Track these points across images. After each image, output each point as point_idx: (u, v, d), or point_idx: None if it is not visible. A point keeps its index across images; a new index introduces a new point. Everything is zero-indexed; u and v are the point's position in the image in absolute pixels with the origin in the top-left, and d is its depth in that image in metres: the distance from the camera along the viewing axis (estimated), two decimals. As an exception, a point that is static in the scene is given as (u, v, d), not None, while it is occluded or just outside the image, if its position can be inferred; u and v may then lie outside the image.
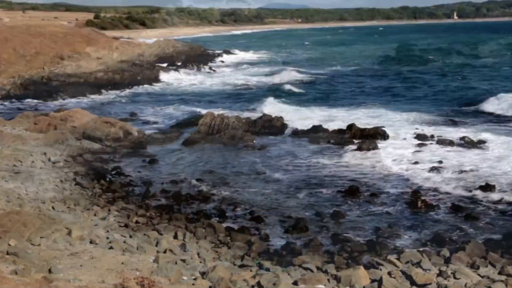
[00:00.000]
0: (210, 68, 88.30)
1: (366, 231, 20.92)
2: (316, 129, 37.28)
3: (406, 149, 32.99)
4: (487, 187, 25.03)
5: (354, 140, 34.96)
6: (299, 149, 34.10)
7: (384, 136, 35.49)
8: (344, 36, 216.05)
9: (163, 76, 74.40)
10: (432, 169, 28.46)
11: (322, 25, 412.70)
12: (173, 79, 73.96)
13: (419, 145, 33.73)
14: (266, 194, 25.64)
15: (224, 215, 22.88)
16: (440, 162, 29.69)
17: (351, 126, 36.23)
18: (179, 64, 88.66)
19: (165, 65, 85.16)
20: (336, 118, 42.55)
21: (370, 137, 34.87)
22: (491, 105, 45.26)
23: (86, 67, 67.83)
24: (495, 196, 24.29)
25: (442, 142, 33.86)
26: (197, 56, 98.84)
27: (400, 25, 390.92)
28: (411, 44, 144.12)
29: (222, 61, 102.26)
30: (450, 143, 33.62)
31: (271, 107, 46.64)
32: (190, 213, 23.04)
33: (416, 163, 29.93)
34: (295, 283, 14.61)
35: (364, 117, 42.79)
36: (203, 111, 43.68)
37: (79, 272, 14.30)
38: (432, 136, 35.35)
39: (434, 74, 72.14)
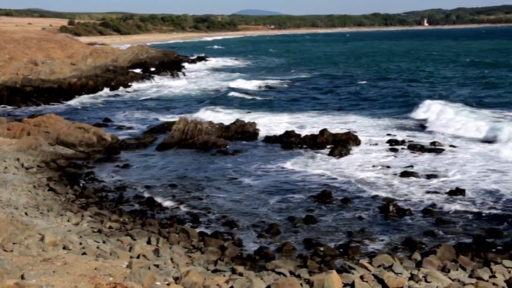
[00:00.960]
0: (184, 74, 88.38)
1: (339, 236, 21.08)
2: (289, 135, 37.46)
3: (377, 154, 33.33)
4: (458, 192, 25.36)
5: (326, 145, 35.20)
6: (271, 154, 34.28)
7: (356, 141, 35.78)
8: (313, 43, 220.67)
9: (137, 82, 74.33)
10: (404, 174, 28.76)
11: (295, 32, 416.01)
12: (147, 85, 74.00)
13: (391, 150, 34.08)
14: (239, 199, 25.74)
15: (197, 220, 22.93)
16: (411, 167, 30.03)
17: (323, 131, 36.42)
18: (152, 70, 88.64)
19: (139, 71, 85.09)
20: (305, 123, 43.28)
21: (342, 142, 35.11)
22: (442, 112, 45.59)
23: (60, 72, 67.38)
24: (465, 200, 24.61)
25: (413, 147, 34.22)
26: (170, 62, 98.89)
27: (368, 32, 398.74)
28: (376, 51, 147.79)
29: (195, 67, 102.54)
30: (421, 148, 34.00)
31: (209, 114, 47.48)
32: (163, 218, 23.07)
33: (388, 167, 30.24)
34: (268, 287, 14.69)
35: (334, 123, 43.20)
36: (168, 117, 44.29)
37: (52, 278, 14.25)
38: (403, 141, 35.74)
39: (401, 80, 73.21)
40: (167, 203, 25.17)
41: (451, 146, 34.49)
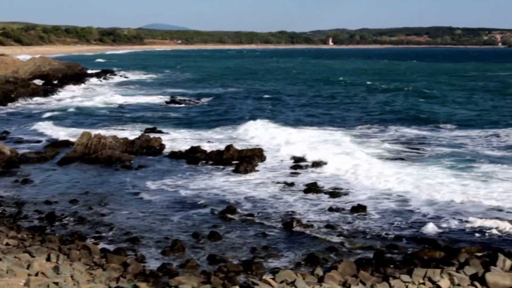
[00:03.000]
0: (87, 87, 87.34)
1: (243, 252, 21.11)
2: (194, 150, 37.35)
3: (282, 171, 33.67)
4: (359, 208, 25.90)
5: (232, 161, 35.27)
6: (176, 170, 34.08)
7: (262, 158, 36.03)
8: (209, 59, 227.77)
9: (39, 94, 72.63)
10: (308, 191, 29.15)
11: (202, 47, 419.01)
12: (49, 97, 72.41)
13: (295, 166, 34.45)
14: (143, 214, 25.40)
15: (99, 236, 22.51)
16: (315, 183, 30.44)
17: (229, 147, 36.52)
18: (55, 82, 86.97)
19: (41, 83, 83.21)
20: (210, 139, 43.54)
21: (247, 158, 35.25)
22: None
23: (-45, 83, 64.99)
24: (366, 216, 25.16)
25: (318, 164, 34.71)
26: (74, 75, 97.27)
27: (273, 49, 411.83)
28: (281, 67, 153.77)
29: (100, 81, 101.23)
30: (325, 164, 34.53)
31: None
32: (64, 234, 22.50)
33: (292, 184, 30.55)
34: (171, 304, 14.56)
35: (238, 138, 43.44)
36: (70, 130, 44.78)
37: None
38: (309, 156, 36.15)
39: (303, 97, 75.26)
40: (68, 219, 24.58)
41: (356, 163, 35.09)
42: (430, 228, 23.42)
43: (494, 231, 23.12)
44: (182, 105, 67.30)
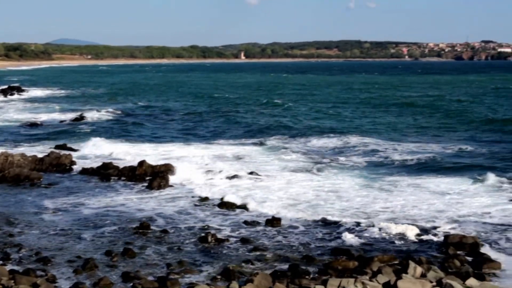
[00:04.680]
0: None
1: (158, 268, 20.81)
2: (106, 166, 36.76)
3: (196, 185, 33.48)
4: (274, 220, 26.02)
5: (145, 177, 34.90)
6: (87, 187, 33.45)
7: (175, 173, 35.76)
8: (108, 73, 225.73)
9: None
10: (222, 205, 29.10)
11: (112, 62, 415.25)
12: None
13: (209, 180, 34.35)
14: (53, 234, 24.71)
15: (7, 257, 21.73)
16: (229, 196, 30.38)
17: (142, 163, 36.11)
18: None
19: None
20: (125, 154, 42.68)
21: (161, 174, 34.90)
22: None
23: None
24: (281, 228, 25.30)
25: (232, 177, 34.73)
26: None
27: (177, 64, 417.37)
28: (176, 81, 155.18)
29: (5, 97, 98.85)
30: (238, 177, 34.59)
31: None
32: (-31, 257, 21.66)
33: (206, 199, 30.47)
34: (83, 325, 14.18)
35: (153, 154, 42.96)
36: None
37: None
38: (221, 171, 36.16)
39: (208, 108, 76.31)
40: (-26, 241, 23.66)
41: (268, 175, 35.30)
42: (345, 238, 23.74)
43: (406, 239, 23.70)
44: (88, 119, 65.88)
